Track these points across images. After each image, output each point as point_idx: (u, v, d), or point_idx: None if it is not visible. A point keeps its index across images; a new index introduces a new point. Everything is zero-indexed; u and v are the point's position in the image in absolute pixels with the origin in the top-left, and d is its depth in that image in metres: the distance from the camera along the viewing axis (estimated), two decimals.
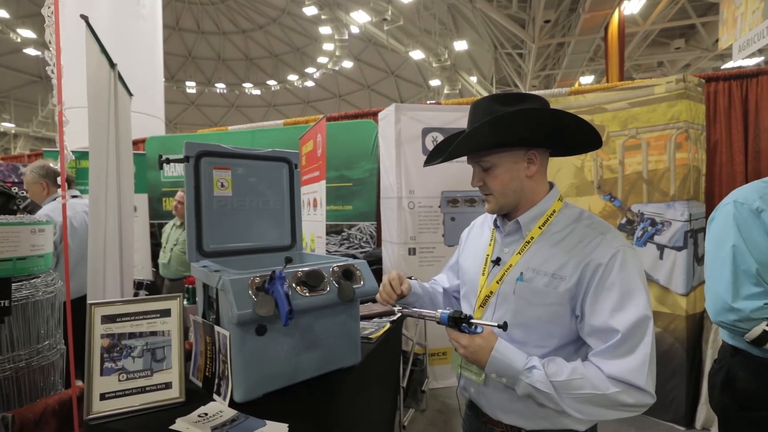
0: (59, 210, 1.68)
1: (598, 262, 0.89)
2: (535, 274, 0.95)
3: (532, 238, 0.99)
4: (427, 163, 1.15)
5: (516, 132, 0.95)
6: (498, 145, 0.98)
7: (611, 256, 0.88)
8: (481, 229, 1.20)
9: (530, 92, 1.07)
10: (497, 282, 1.01)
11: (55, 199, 2.29)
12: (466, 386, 1.10)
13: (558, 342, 0.94)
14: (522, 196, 1.00)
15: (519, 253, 1.00)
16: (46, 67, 1.35)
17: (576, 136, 1.00)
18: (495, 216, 1.10)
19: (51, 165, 2.36)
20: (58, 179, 2.28)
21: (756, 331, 1.16)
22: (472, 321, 0.93)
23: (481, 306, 1.04)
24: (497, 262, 1.04)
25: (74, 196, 2.40)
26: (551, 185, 1.04)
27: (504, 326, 0.87)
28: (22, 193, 1.37)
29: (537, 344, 0.94)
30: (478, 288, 1.06)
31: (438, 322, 0.97)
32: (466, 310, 1.11)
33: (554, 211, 1.00)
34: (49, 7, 1.33)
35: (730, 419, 1.31)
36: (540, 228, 0.99)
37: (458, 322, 0.94)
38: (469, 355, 0.94)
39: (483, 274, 1.06)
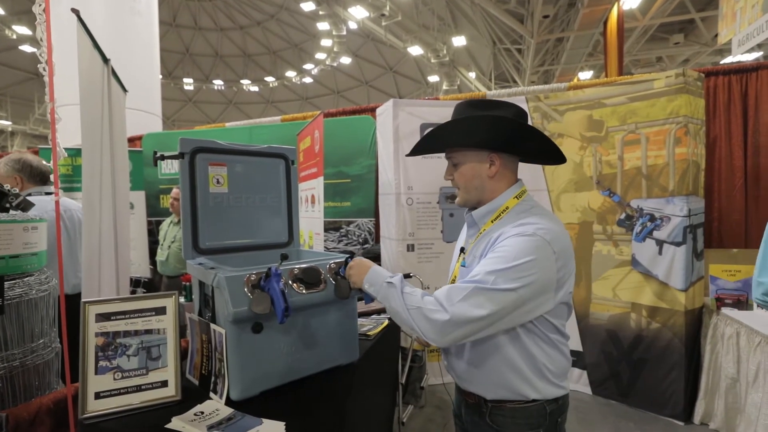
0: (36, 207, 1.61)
1: (507, 233, 1.00)
2: (473, 258, 1.09)
3: (484, 230, 1.11)
4: (409, 154, 1.29)
5: (468, 135, 1.07)
6: (461, 145, 1.10)
7: (518, 232, 0.98)
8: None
9: (507, 101, 1.18)
10: (458, 268, 1.18)
11: (29, 195, 2.02)
12: (443, 357, 1.23)
13: None
14: (483, 193, 1.12)
15: (473, 243, 1.14)
16: (38, 65, 1.32)
17: (542, 148, 1.11)
18: None
19: (28, 159, 2.13)
20: (46, 176, 2.19)
21: None
22: (355, 255, 1.26)
23: None
24: (462, 250, 1.20)
25: (48, 193, 2.17)
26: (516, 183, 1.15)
27: (351, 255, 1.26)
28: (15, 190, 1.35)
29: None
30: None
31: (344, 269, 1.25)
32: None
33: (507, 208, 1.10)
34: (40, 5, 1.31)
35: None
36: (492, 222, 1.10)
37: (347, 260, 1.25)
38: (352, 272, 1.18)
39: (457, 261, 1.22)
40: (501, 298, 0.93)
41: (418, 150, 1.19)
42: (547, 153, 1.12)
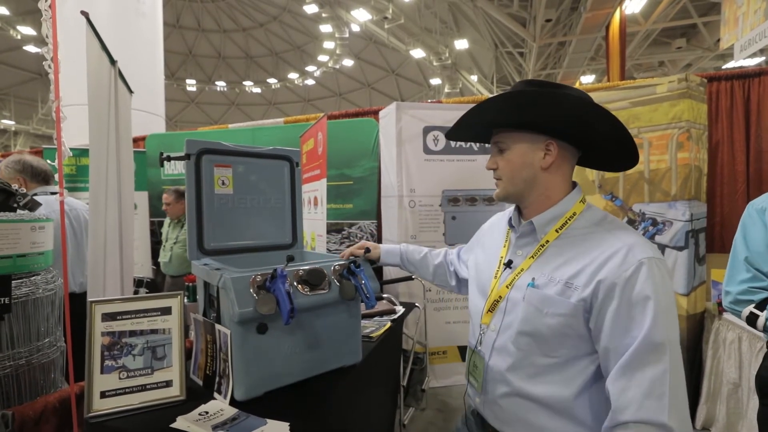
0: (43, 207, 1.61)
1: (613, 281, 0.78)
2: (548, 280, 0.86)
3: (548, 241, 0.90)
4: (448, 136, 1.08)
5: (520, 111, 0.87)
6: (511, 125, 0.91)
7: (630, 274, 0.78)
8: (498, 226, 1.11)
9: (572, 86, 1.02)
10: (507, 286, 0.93)
11: (34, 195, 1.98)
12: (472, 395, 1.03)
13: (570, 353, 0.84)
14: (533, 188, 0.91)
15: (532, 257, 0.91)
16: (43, 62, 1.33)
17: (607, 143, 0.90)
18: (510, 214, 1.02)
19: (28, 160, 2.12)
20: (48, 175, 2.19)
21: (745, 312, 1.27)
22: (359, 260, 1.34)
23: (489, 311, 0.96)
24: (509, 264, 0.95)
25: (53, 193, 2.16)
26: (574, 185, 0.94)
27: (366, 250, 1.35)
28: (22, 190, 1.36)
29: (545, 354, 0.85)
30: (489, 291, 0.98)
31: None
32: (475, 307, 1.04)
33: (574, 214, 0.90)
34: (46, 1, 1.32)
35: (760, 407, 1.36)
36: (557, 231, 0.90)
37: (351, 264, 1.31)
38: None
39: (495, 276, 0.98)
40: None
41: (461, 130, 1.00)
42: (616, 151, 0.92)
